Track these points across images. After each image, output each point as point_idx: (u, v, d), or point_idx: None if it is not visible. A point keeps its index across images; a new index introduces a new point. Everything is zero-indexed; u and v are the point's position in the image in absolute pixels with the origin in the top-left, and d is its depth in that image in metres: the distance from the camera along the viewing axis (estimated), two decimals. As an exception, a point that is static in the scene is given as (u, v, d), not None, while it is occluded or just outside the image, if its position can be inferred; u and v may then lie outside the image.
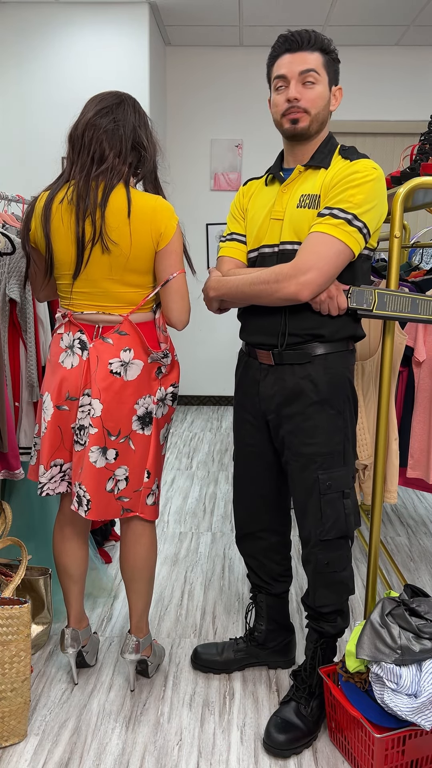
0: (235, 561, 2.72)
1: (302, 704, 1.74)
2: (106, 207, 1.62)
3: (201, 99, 5.23)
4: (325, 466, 1.67)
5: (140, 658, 1.91)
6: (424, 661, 1.53)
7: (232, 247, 1.77)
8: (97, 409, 1.69)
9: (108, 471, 1.72)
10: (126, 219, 1.63)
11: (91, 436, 1.70)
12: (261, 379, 1.74)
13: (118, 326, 1.70)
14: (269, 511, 1.87)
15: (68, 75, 4.32)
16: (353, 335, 1.69)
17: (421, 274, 2.78)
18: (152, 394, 1.75)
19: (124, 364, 1.69)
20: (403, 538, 2.97)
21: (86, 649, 1.96)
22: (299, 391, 1.66)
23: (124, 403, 1.71)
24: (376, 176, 1.56)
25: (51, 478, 1.78)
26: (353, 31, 4.80)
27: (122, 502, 1.76)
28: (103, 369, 1.69)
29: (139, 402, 1.73)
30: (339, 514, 1.68)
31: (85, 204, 1.62)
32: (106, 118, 1.65)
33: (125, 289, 1.69)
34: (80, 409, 1.72)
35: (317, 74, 1.59)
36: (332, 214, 1.54)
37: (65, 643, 1.86)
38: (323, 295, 1.58)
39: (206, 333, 5.55)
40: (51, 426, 1.74)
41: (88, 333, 1.72)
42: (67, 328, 1.74)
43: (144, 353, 1.72)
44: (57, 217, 1.66)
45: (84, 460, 1.71)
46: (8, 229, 2.25)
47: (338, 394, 1.66)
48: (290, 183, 1.66)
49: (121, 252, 1.64)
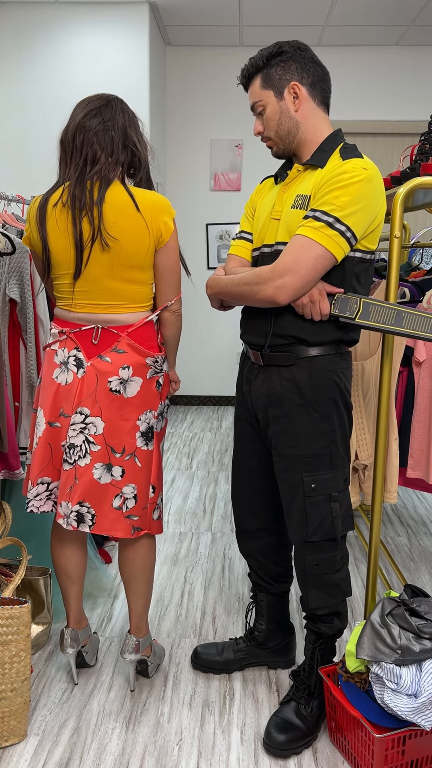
0: (235, 561, 2.72)
1: (302, 704, 1.74)
2: (103, 203, 1.62)
3: (201, 99, 5.23)
4: (310, 468, 1.66)
5: (140, 658, 1.91)
6: (424, 661, 1.53)
7: (239, 245, 1.78)
8: (99, 427, 1.69)
9: (115, 488, 1.72)
10: (124, 215, 1.63)
11: (93, 454, 1.70)
12: (252, 378, 1.74)
13: (116, 344, 1.70)
14: (266, 510, 1.87)
15: (68, 75, 4.32)
16: (340, 340, 1.65)
17: (421, 274, 2.78)
18: (154, 409, 1.75)
19: (123, 381, 1.70)
20: (403, 538, 2.97)
21: (86, 649, 1.96)
22: (283, 393, 1.66)
23: (126, 420, 1.71)
24: (365, 177, 1.51)
25: (36, 495, 1.77)
26: (353, 31, 4.80)
27: (132, 521, 1.75)
28: (103, 387, 1.69)
29: (141, 418, 1.73)
30: (324, 516, 1.67)
31: (81, 203, 1.62)
32: (95, 119, 1.66)
33: (126, 286, 1.69)
34: (71, 427, 1.71)
35: (261, 101, 1.64)
36: (315, 217, 1.52)
37: (65, 643, 1.86)
38: (305, 298, 1.57)
39: (206, 333, 5.55)
40: (42, 443, 1.74)
41: (85, 347, 1.71)
42: (62, 345, 1.73)
43: (143, 369, 1.72)
44: (52, 219, 1.66)
45: (82, 479, 1.70)
46: (8, 229, 2.25)
47: (323, 397, 1.64)
48: (289, 182, 1.66)
49: (122, 248, 1.65)
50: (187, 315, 5.53)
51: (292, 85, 1.61)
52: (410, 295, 2.47)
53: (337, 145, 1.61)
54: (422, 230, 3.71)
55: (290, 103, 1.62)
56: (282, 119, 1.62)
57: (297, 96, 1.61)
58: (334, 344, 1.65)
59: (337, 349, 1.66)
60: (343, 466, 1.70)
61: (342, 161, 1.55)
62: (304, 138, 1.63)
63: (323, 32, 4.83)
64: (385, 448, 1.89)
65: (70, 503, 1.70)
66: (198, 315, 5.51)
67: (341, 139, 1.64)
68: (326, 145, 1.62)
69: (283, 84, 1.61)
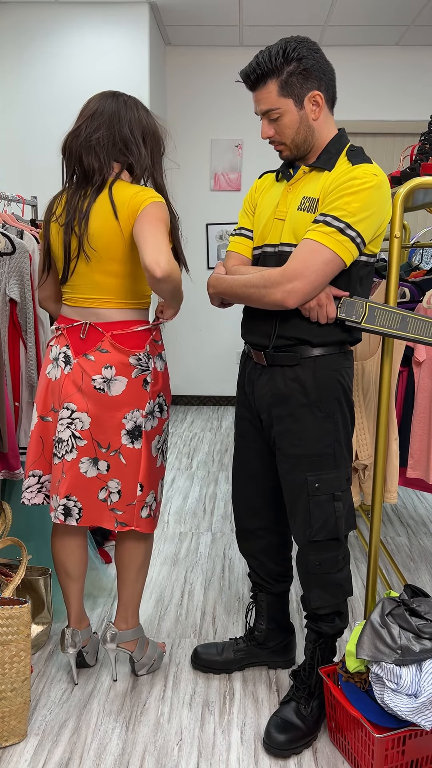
0: (235, 561, 2.72)
1: (302, 704, 1.74)
2: (89, 217, 1.67)
3: (201, 99, 5.23)
4: (314, 468, 1.66)
5: (123, 651, 1.92)
6: (424, 661, 1.53)
7: (239, 242, 1.77)
8: (86, 422, 1.73)
9: (100, 481, 1.76)
10: (106, 223, 1.66)
11: (80, 448, 1.73)
12: (255, 378, 1.74)
13: (100, 344, 1.72)
14: (267, 510, 1.87)
15: (68, 75, 4.32)
16: (344, 340, 1.66)
17: (421, 274, 2.77)
18: (141, 408, 1.75)
19: (107, 380, 1.71)
20: (403, 538, 2.97)
21: (86, 649, 1.96)
22: (288, 393, 1.66)
23: (111, 417, 1.73)
24: (376, 183, 1.51)
25: (28, 487, 1.82)
26: (353, 31, 4.79)
27: (116, 514, 1.77)
28: (88, 384, 1.72)
29: (127, 416, 1.74)
30: (328, 516, 1.67)
31: (71, 218, 1.68)
32: (93, 123, 1.68)
33: (109, 280, 1.71)
34: (59, 422, 1.75)
35: (278, 108, 1.56)
36: (326, 222, 1.52)
37: (65, 643, 1.87)
38: (312, 302, 1.57)
39: (206, 333, 5.55)
40: (34, 436, 1.80)
41: (73, 344, 1.74)
42: (57, 341, 1.78)
43: (126, 368, 1.72)
44: (54, 228, 1.75)
45: (69, 473, 1.73)
46: (8, 229, 2.25)
47: (328, 397, 1.65)
48: (295, 183, 1.64)
49: (100, 256, 1.69)
50: (187, 315, 5.52)
51: (315, 94, 1.56)
52: (410, 295, 2.47)
53: (343, 146, 1.61)
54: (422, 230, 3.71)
55: (310, 112, 1.58)
56: (300, 128, 1.58)
57: (318, 104, 1.58)
58: (338, 344, 1.66)
59: (341, 349, 1.67)
60: (346, 465, 1.70)
61: (351, 166, 1.54)
62: (317, 143, 1.62)
63: (323, 32, 4.83)
64: (385, 448, 1.89)
65: (58, 497, 1.75)
66: (198, 315, 5.51)
67: (346, 140, 1.63)
68: (332, 147, 1.61)
69: (305, 92, 1.55)
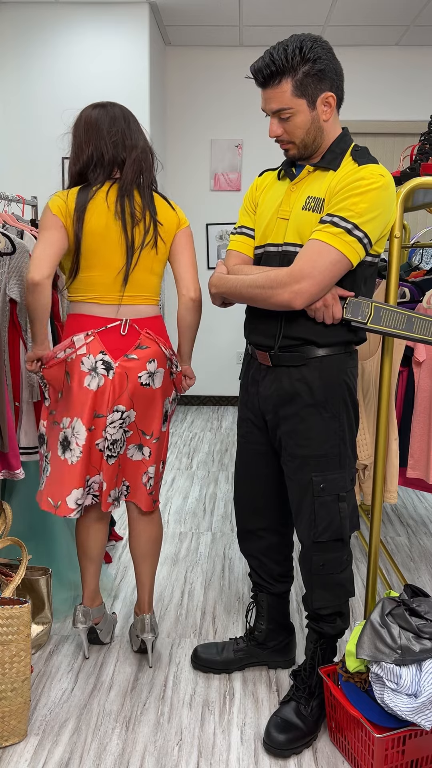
0: (235, 561, 2.72)
1: (302, 704, 1.74)
2: (155, 209, 1.79)
3: (201, 99, 5.23)
4: (320, 468, 1.66)
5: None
6: (424, 661, 1.53)
7: (240, 241, 1.76)
8: (132, 416, 1.84)
9: (144, 466, 1.89)
10: (167, 215, 1.81)
11: (128, 438, 1.86)
12: (260, 379, 1.74)
13: (138, 341, 1.81)
14: (269, 510, 1.87)
15: (68, 75, 4.32)
16: (350, 340, 1.66)
17: (421, 274, 2.78)
18: (170, 395, 1.92)
19: (151, 374, 1.82)
20: (403, 538, 2.97)
21: (100, 626, 2.05)
22: (294, 394, 1.66)
23: (155, 408, 1.86)
24: (382, 184, 1.51)
25: (76, 500, 1.81)
26: (353, 31, 4.80)
27: (152, 496, 1.93)
28: (135, 382, 1.80)
29: (164, 404, 1.89)
30: (333, 516, 1.67)
31: (132, 210, 1.75)
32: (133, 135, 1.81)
33: (149, 277, 1.83)
34: (110, 425, 1.80)
35: (291, 108, 1.54)
36: (333, 222, 1.51)
37: (76, 618, 1.97)
38: (318, 303, 1.57)
39: (206, 333, 5.55)
40: (85, 448, 1.80)
41: (110, 348, 1.78)
42: (88, 349, 1.77)
43: (164, 360, 1.85)
44: (100, 223, 1.74)
45: (123, 463, 1.88)
46: (8, 229, 2.25)
47: (334, 397, 1.65)
48: (299, 182, 1.63)
49: (165, 247, 1.83)
50: (187, 315, 5.52)
51: (328, 96, 1.55)
52: (410, 295, 2.47)
53: (347, 146, 1.60)
54: (422, 230, 3.71)
55: (322, 113, 1.57)
56: (311, 128, 1.57)
57: (330, 105, 1.57)
58: (344, 344, 1.66)
59: (347, 349, 1.67)
60: (350, 466, 1.70)
61: (358, 166, 1.54)
62: (325, 144, 1.61)
63: (323, 32, 4.83)
64: (385, 448, 1.89)
65: (117, 488, 1.88)
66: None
67: (350, 139, 1.62)
68: (336, 147, 1.60)
69: (318, 93, 1.54)
